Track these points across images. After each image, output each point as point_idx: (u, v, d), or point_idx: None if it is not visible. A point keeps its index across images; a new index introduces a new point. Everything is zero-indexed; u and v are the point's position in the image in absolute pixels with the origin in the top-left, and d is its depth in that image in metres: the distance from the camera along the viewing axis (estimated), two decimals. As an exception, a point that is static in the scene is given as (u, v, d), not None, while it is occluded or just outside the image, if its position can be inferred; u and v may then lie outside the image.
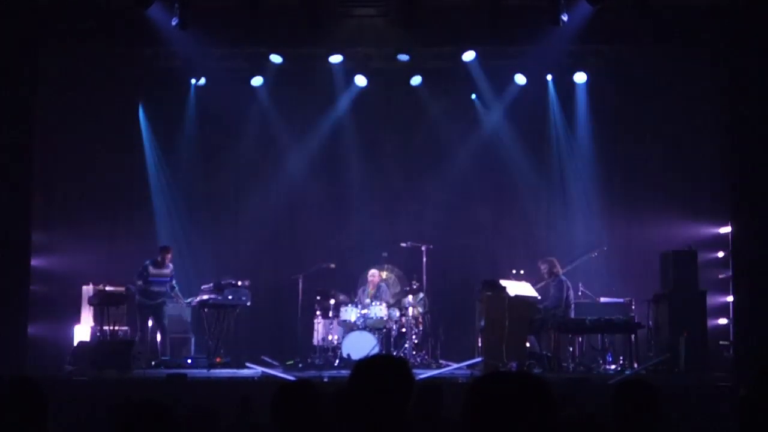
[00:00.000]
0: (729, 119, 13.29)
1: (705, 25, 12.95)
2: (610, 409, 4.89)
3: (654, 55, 14.44)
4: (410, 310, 14.07)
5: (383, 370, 3.48)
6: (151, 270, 13.89)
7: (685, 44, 13.69)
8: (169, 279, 14.06)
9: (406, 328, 13.95)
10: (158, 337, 13.99)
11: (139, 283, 13.83)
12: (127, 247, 14.95)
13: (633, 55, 14.56)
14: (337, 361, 13.50)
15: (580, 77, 15.15)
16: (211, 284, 13.81)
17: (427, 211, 15.76)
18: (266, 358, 13.71)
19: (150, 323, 13.97)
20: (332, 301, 14.17)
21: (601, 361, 13.05)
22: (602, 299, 13.95)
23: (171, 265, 14.09)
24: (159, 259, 13.99)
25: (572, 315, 13.31)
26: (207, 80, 15.17)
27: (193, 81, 15.28)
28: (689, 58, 14.30)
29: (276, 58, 14.63)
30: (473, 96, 15.70)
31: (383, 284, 14.80)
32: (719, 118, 13.85)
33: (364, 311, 13.92)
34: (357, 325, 13.75)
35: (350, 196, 15.95)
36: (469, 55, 14.53)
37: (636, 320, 13.09)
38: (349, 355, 13.21)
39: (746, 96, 12.79)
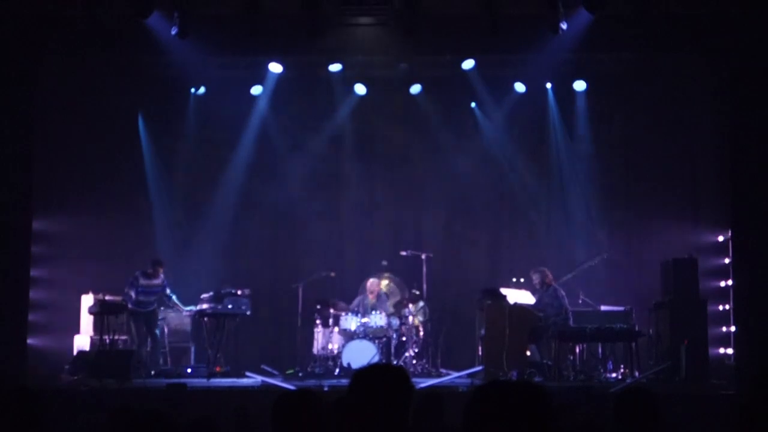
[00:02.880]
0: (729, 127, 13.28)
1: (705, 33, 12.95)
2: (611, 417, 4.88)
3: (653, 63, 14.45)
4: (410, 318, 14.06)
5: (382, 379, 3.47)
6: (141, 281, 13.84)
7: (685, 52, 13.70)
8: (159, 289, 14.01)
9: (407, 337, 13.93)
10: (149, 346, 13.91)
11: (131, 293, 13.78)
12: (127, 257, 14.93)
13: (632, 63, 14.56)
14: (337, 370, 13.48)
15: (579, 85, 15.16)
16: (211, 293, 13.81)
17: (427, 219, 15.77)
18: (266, 367, 13.68)
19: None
20: (332, 310, 14.16)
21: (601, 370, 13.03)
22: (603, 307, 13.93)
23: (162, 276, 14.05)
24: (150, 270, 13.95)
25: (571, 323, 13.29)
26: (207, 89, 15.18)
27: (193, 90, 15.29)
28: (689, 66, 14.32)
29: (276, 67, 14.64)
30: (473, 104, 15.70)
31: (383, 293, 14.79)
32: (719, 125, 13.85)
33: (364, 320, 13.91)
34: (357, 334, 13.73)
35: (350, 204, 15.96)
36: (468, 64, 14.54)
37: (637, 329, 13.07)
38: (349, 364, 13.18)
39: (746, 104, 12.79)
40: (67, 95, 14.28)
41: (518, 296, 13.35)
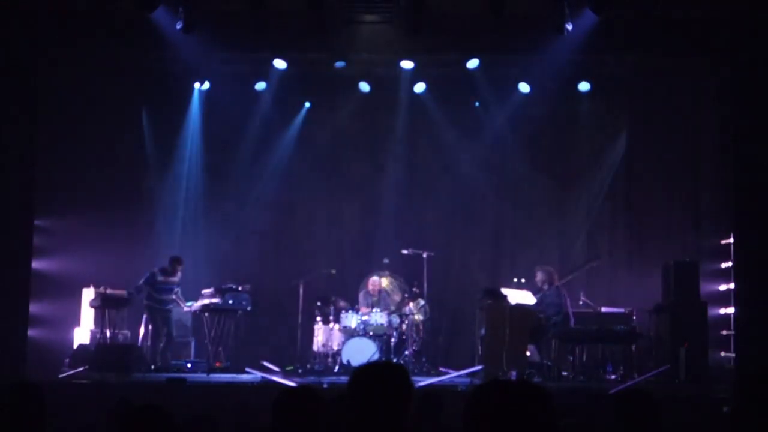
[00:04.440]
0: (732, 129, 13.28)
1: (709, 36, 12.95)
2: (610, 419, 4.88)
3: (658, 65, 14.45)
4: (411, 317, 14.05)
5: (382, 377, 3.47)
6: (159, 278, 13.81)
7: (689, 55, 13.69)
8: (176, 286, 14.02)
9: (407, 335, 13.93)
10: (164, 342, 13.93)
11: (147, 289, 13.76)
12: (129, 251, 14.93)
13: (637, 65, 14.55)
14: (336, 367, 13.49)
15: (583, 86, 15.13)
16: (212, 289, 13.80)
17: (429, 218, 15.76)
18: (266, 364, 13.69)
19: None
20: (333, 307, 14.16)
21: (601, 372, 13.03)
22: (603, 309, 13.93)
23: (180, 273, 14.05)
24: (169, 268, 13.92)
25: (572, 324, 13.28)
26: (210, 84, 15.17)
27: (197, 85, 15.27)
28: (692, 68, 14.32)
29: (280, 63, 14.63)
30: (477, 103, 15.69)
31: (384, 291, 14.79)
32: (722, 128, 13.85)
33: (365, 318, 13.92)
34: (357, 332, 13.74)
35: (352, 202, 15.95)
36: (473, 63, 14.51)
37: (637, 331, 13.07)
38: (348, 361, 13.19)
39: (749, 107, 12.79)
40: (70, 89, 14.26)
41: (519, 296, 13.33)
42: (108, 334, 13.40)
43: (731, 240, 13.56)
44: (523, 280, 13.86)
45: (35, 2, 12.76)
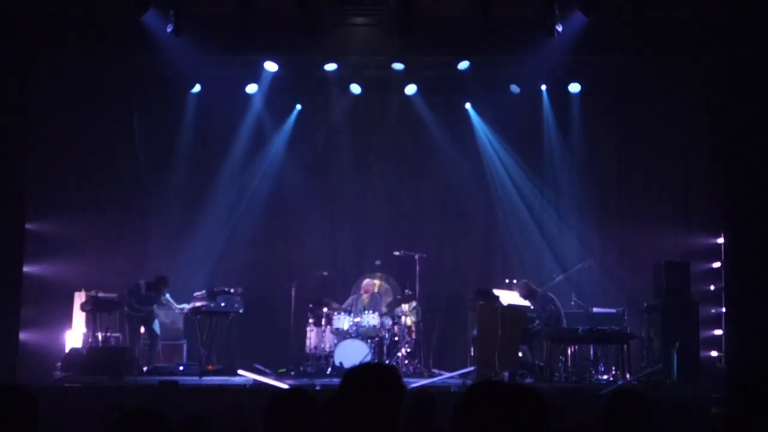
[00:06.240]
0: (722, 130, 13.32)
1: (699, 37, 12.98)
2: (603, 419, 4.89)
3: (648, 66, 14.48)
4: (403, 318, 14.06)
5: (374, 378, 3.47)
6: (143, 293, 13.79)
7: (679, 56, 13.73)
8: (158, 299, 13.96)
9: (399, 337, 13.93)
10: (148, 344, 13.91)
11: (130, 299, 13.74)
12: (120, 254, 14.92)
13: (627, 66, 14.58)
14: (329, 369, 13.48)
15: (574, 87, 15.16)
16: (204, 291, 13.79)
17: (421, 219, 15.76)
18: (258, 366, 13.68)
19: (142, 330, 13.91)
20: (325, 309, 14.15)
21: (593, 372, 13.04)
22: (595, 309, 13.94)
23: (164, 293, 14.00)
24: (153, 284, 13.86)
25: (564, 325, 13.29)
26: (202, 87, 15.16)
27: (188, 88, 15.26)
28: (683, 69, 14.35)
29: (271, 66, 14.63)
30: (467, 105, 15.71)
31: (377, 293, 14.79)
32: (712, 128, 13.89)
33: (357, 319, 13.91)
34: (350, 334, 13.73)
35: (343, 204, 15.95)
36: (463, 65, 14.53)
37: (628, 331, 13.09)
38: (341, 363, 13.18)
39: (739, 107, 12.83)
40: (61, 92, 14.24)
41: (511, 297, 13.36)
42: (100, 337, 13.36)
43: (722, 240, 13.60)
44: (515, 281, 13.87)
45: (25, 6, 12.73)
